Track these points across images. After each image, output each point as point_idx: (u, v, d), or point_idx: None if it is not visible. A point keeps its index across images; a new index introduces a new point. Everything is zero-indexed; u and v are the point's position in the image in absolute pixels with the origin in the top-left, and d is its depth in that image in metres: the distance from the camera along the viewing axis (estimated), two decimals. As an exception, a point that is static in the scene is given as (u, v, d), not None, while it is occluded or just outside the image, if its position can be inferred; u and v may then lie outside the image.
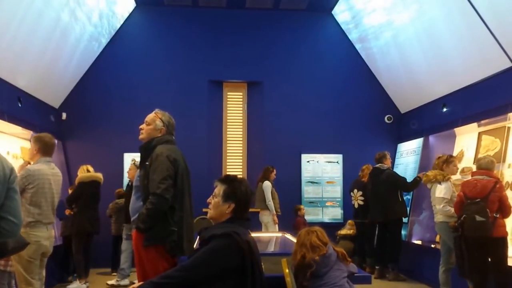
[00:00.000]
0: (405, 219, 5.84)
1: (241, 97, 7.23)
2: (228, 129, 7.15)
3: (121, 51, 6.76)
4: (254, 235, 2.16)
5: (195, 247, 2.75)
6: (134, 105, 6.39)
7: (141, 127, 2.86)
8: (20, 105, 5.18)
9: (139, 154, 2.86)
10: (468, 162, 5.56)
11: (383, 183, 5.58)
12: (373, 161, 6.03)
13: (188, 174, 2.82)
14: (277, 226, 6.01)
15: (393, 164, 6.33)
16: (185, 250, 2.65)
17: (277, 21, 7.02)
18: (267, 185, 6.05)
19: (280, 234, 4.79)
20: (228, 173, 6.72)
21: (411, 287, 5.27)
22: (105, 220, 5.67)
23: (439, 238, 4.73)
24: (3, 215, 2.06)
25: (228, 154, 7.12)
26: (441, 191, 4.36)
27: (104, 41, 6.65)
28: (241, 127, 7.17)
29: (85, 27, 5.87)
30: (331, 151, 6.93)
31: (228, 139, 7.14)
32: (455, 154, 5.78)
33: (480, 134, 5.43)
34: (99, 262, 5.74)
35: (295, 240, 2.81)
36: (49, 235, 3.28)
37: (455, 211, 4.09)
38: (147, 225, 2.56)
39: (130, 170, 5.17)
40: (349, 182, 6.51)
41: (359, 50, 7.06)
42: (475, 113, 5.11)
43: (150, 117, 2.86)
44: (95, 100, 6.66)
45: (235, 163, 7.10)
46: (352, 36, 7.03)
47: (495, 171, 4.22)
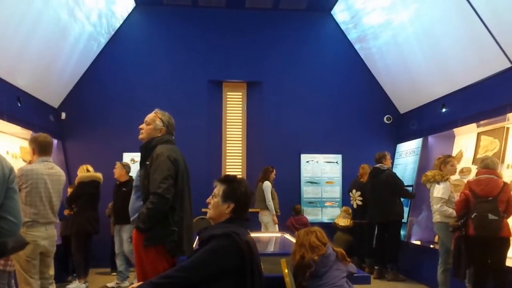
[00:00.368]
0: (404, 220, 5.84)
1: (241, 97, 7.23)
2: (227, 129, 7.14)
3: (121, 50, 6.75)
4: (253, 235, 2.16)
5: (194, 247, 2.75)
6: (133, 105, 6.39)
7: (140, 127, 2.86)
8: (19, 105, 5.17)
9: (139, 154, 2.86)
10: (467, 162, 5.57)
11: (382, 183, 5.58)
12: (372, 161, 6.03)
13: (188, 174, 2.82)
14: (277, 226, 6.01)
15: (392, 164, 6.33)
16: (184, 250, 2.65)
17: (277, 21, 7.02)
18: (267, 185, 6.04)
19: (279, 234, 4.80)
20: (227, 173, 6.73)
21: (410, 287, 5.27)
22: (105, 220, 5.66)
23: (437, 238, 4.73)
24: (3, 215, 2.06)
25: (227, 154, 7.12)
26: (439, 191, 4.36)
27: (103, 41, 6.64)
28: (241, 127, 7.16)
29: (84, 27, 5.87)
30: (330, 151, 6.93)
31: (227, 139, 7.13)
32: (454, 154, 5.78)
33: (479, 134, 5.43)
34: (98, 262, 5.74)
35: (294, 240, 2.82)
36: (48, 235, 3.26)
37: (456, 210, 4.00)
38: (148, 225, 2.55)
39: (116, 169, 5.17)
40: (348, 182, 6.51)
41: (358, 50, 7.06)
42: (474, 114, 5.12)
43: (150, 117, 2.86)
44: (94, 99, 6.65)
45: (235, 163, 7.10)
46: (351, 36, 7.03)
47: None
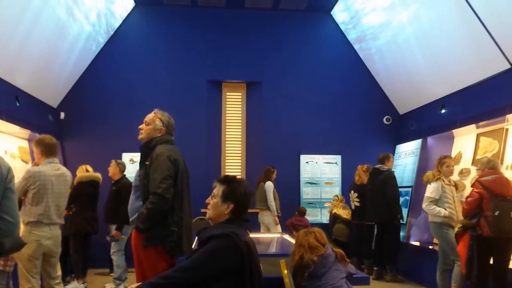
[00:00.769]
0: (403, 221, 5.84)
1: (240, 97, 7.23)
2: (227, 130, 7.13)
3: (120, 50, 6.74)
4: (252, 236, 2.16)
5: (193, 247, 2.74)
6: (132, 105, 6.39)
7: (140, 127, 2.86)
8: (18, 104, 5.16)
9: (139, 154, 2.85)
10: (466, 163, 5.57)
11: (380, 184, 5.58)
12: (371, 161, 6.04)
13: (187, 174, 2.81)
14: (279, 226, 5.96)
15: (391, 163, 6.32)
16: (184, 250, 2.65)
17: (277, 21, 7.02)
18: (270, 186, 5.99)
19: (278, 235, 4.79)
20: (227, 173, 6.72)
21: (409, 288, 5.28)
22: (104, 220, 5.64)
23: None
24: (0, 215, 2.05)
25: (227, 154, 7.11)
26: (429, 190, 4.42)
27: (102, 41, 6.63)
28: (240, 127, 7.16)
29: (83, 27, 5.86)
30: (330, 152, 6.92)
31: (227, 139, 7.12)
32: (454, 155, 5.78)
33: (478, 135, 5.43)
34: (97, 262, 5.71)
35: (293, 241, 2.81)
36: (52, 235, 3.31)
37: (468, 210, 3.80)
38: (147, 225, 2.54)
39: (110, 167, 5.16)
40: (348, 183, 6.50)
41: (357, 50, 7.06)
42: (474, 115, 5.12)
43: (149, 117, 2.85)
44: (93, 99, 6.64)
45: (234, 163, 7.09)
46: (350, 36, 7.03)
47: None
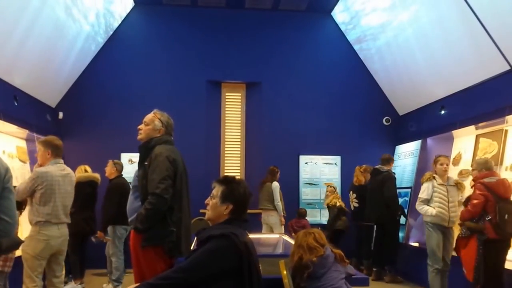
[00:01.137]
0: (402, 221, 5.84)
1: (240, 97, 7.22)
2: (226, 130, 7.12)
3: (119, 50, 6.72)
4: (252, 236, 2.15)
5: (192, 248, 2.73)
6: (131, 105, 6.37)
7: (139, 127, 2.85)
8: (16, 104, 5.14)
9: (137, 154, 2.84)
10: (466, 164, 5.56)
11: (378, 184, 5.58)
12: (371, 162, 6.05)
13: (186, 174, 2.81)
14: (283, 227, 5.93)
15: (391, 165, 6.31)
16: (183, 251, 2.64)
17: (276, 21, 7.01)
18: (276, 186, 5.94)
19: (278, 235, 4.78)
20: (226, 174, 6.71)
21: (408, 289, 5.28)
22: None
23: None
24: (-2, 215, 2.04)
25: (226, 155, 7.09)
26: (421, 190, 4.55)
27: (101, 41, 6.61)
28: (239, 128, 7.15)
29: (82, 26, 5.84)
30: (329, 152, 6.91)
31: (226, 140, 7.11)
32: (453, 156, 5.79)
33: (477, 136, 5.43)
34: (95, 262, 5.69)
35: (293, 242, 2.80)
36: (61, 234, 3.40)
37: (475, 212, 3.75)
38: (146, 225, 2.54)
39: (107, 167, 5.14)
40: (347, 184, 6.50)
41: (357, 51, 7.05)
42: (473, 116, 5.11)
43: (148, 117, 2.85)
44: (92, 99, 6.62)
45: (233, 164, 7.07)
46: (350, 37, 7.02)
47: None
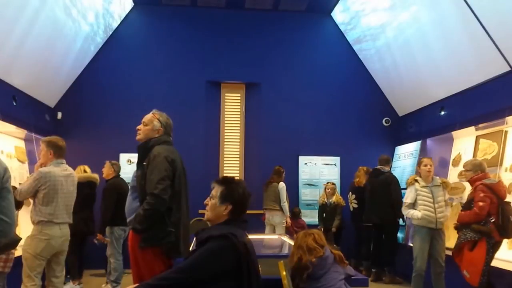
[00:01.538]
0: (401, 222, 5.83)
1: (239, 98, 7.21)
2: (225, 130, 7.11)
3: (118, 50, 6.72)
4: (252, 237, 2.14)
5: (191, 248, 2.72)
6: (130, 105, 6.36)
7: (138, 127, 2.84)
8: (14, 104, 5.13)
9: (136, 154, 2.83)
10: (465, 165, 5.56)
11: (382, 185, 5.57)
12: (370, 163, 6.03)
13: (185, 175, 2.80)
14: (284, 228, 5.90)
15: (390, 166, 6.31)
16: (181, 251, 2.63)
17: (276, 22, 7.01)
18: (283, 186, 5.91)
19: (277, 236, 4.77)
20: (225, 174, 6.70)
21: (407, 290, 5.26)
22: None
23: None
24: (-4, 215, 2.04)
25: (225, 155, 7.08)
26: (405, 195, 4.59)
27: (100, 41, 6.60)
28: (239, 128, 7.14)
29: (81, 26, 5.83)
30: (328, 153, 6.91)
31: (225, 140, 7.10)
32: (453, 157, 5.79)
33: (477, 137, 5.43)
34: (93, 263, 5.68)
35: (292, 242, 2.80)
36: (62, 234, 3.40)
37: (482, 215, 3.68)
38: (144, 226, 2.53)
39: (104, 168, 5.13)
40: (347, 184, 6.49)
41: (357, 51, 7.05)
42: (473, 117, 5.11)
43: (147, 117, 2.84)
44: (91, 99, 6.61)
45: (232, 164, 7.06)
46: (350, 37, 7.02)
47: (492, 174, 4.24)
